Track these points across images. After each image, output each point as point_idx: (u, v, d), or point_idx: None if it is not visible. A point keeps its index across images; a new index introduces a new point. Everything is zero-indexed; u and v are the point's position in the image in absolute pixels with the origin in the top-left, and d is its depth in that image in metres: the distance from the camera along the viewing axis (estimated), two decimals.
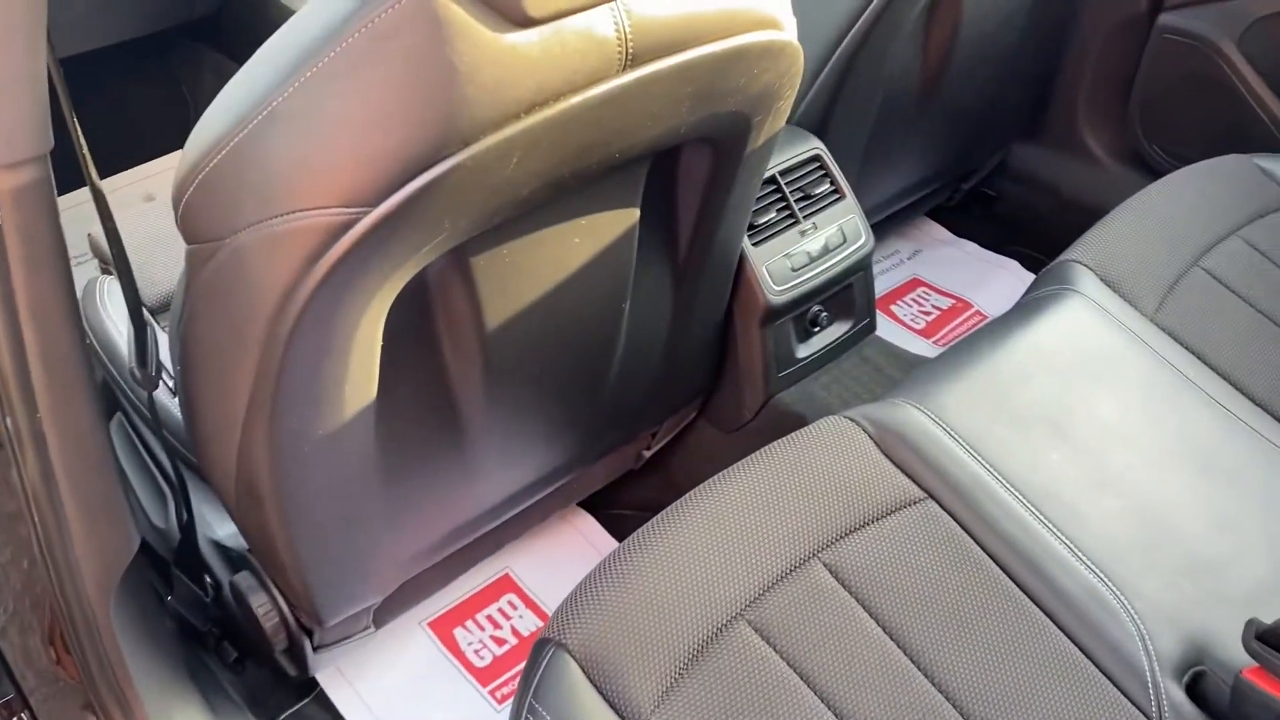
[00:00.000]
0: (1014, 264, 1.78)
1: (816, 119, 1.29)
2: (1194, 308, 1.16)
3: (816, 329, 1.27)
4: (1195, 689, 0.87)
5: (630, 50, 0.71)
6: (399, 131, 0.64)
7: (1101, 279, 1.17)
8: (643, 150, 0.83)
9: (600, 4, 0.68)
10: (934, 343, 1.65)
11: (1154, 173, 1.63)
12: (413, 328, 0.82)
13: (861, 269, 1.28)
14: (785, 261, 1.20)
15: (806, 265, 1.21)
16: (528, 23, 0.65)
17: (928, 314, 1.70)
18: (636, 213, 0.93)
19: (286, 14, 1.45)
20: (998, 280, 1.76)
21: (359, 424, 0.82)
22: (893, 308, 1.72)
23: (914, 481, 0.96)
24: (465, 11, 0.63)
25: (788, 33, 0.83)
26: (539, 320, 0.91)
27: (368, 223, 0.65)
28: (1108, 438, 1.02)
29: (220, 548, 1.08)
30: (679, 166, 0.93)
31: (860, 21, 1.20)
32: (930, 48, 1.37)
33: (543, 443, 1.07)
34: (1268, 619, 0.86)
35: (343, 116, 0.63)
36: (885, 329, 1.64)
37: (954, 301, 1.72)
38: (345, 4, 0.63)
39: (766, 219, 1.20)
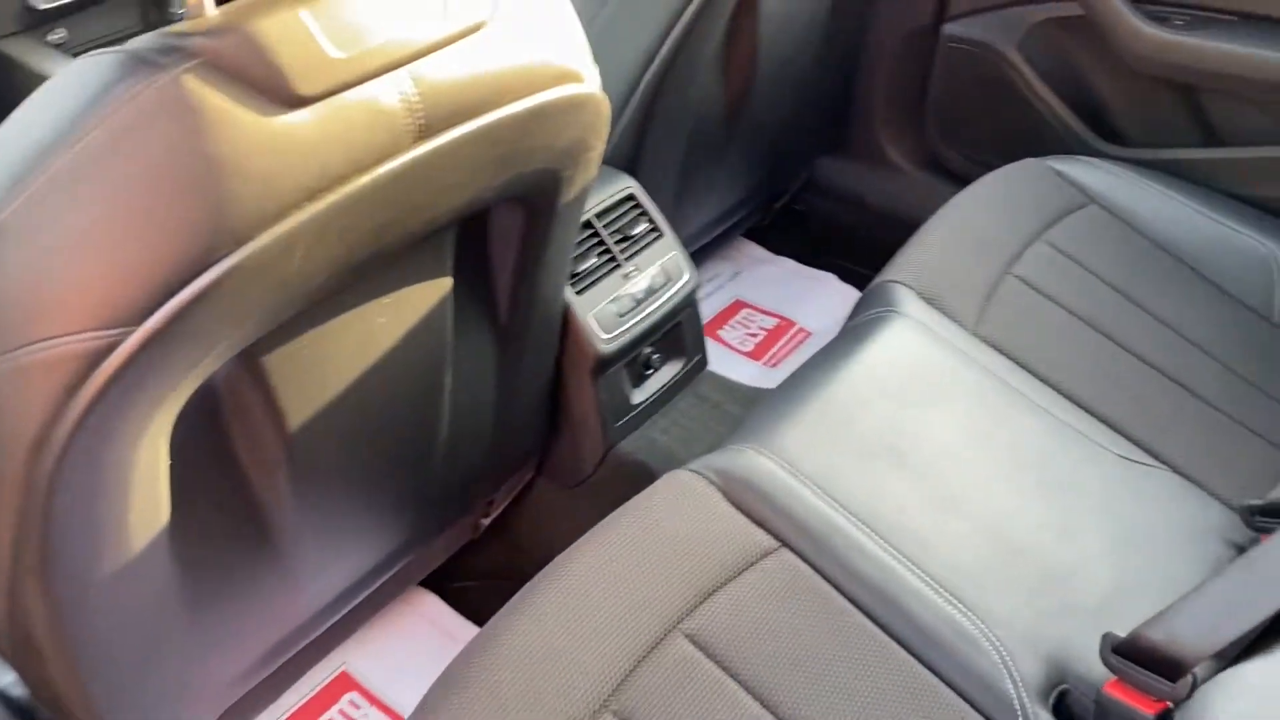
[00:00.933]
0: (831, 277, 1.80)
1: (627, 156, 1.25)
2: (1011, 316, 1.18)
3: (650, 372, 1.23)
4: (1061, 708, 0.87)
5: (422, 120, 0.64)
6: (157, 238, 0.55)
7: (921, 297, 1.18)
8: (448, 220, 0.76)
9: (381, 74, 0.61)
10: (764, 364, 1.64)
11: (955, 177, 1.68)
12: (204, 442, 0.73)
13: (688, 306, 1.25)
14: (612, 307, 1.16)
15: (633, 309, 1.17)
16: (299, 102, 0.58)
17: (755, 335, 1.69)
18: (448, 281, 0.86)
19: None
20: (817, 295, 1.77)
21: (151, 557, 0.72)
22: (720, 332, 1.70)
23: (766, 531, 0.93)
24: (224, 96, 0.55)
25: (590, 84, 0.78)
26: (349, 409, 0.83)
27: (132, 344, 0.56)
28: (946, 459, 1.01)
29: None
30: (490, 228, 0.87)
31: (660, 56, 1.17)
32: (731, 75, 1.35)
33: (370, 532, 0.99)
34: (1119, 626, 0.87)
35: (86, 227, 0.54)
36: (716, 355, 1.62)
37: (778, 320, 1.72)
38: (76, 96, 0.54)
39: (587, 265, 1.15)
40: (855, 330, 1.15)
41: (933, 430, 1.03)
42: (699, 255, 1.71)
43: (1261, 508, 1.00)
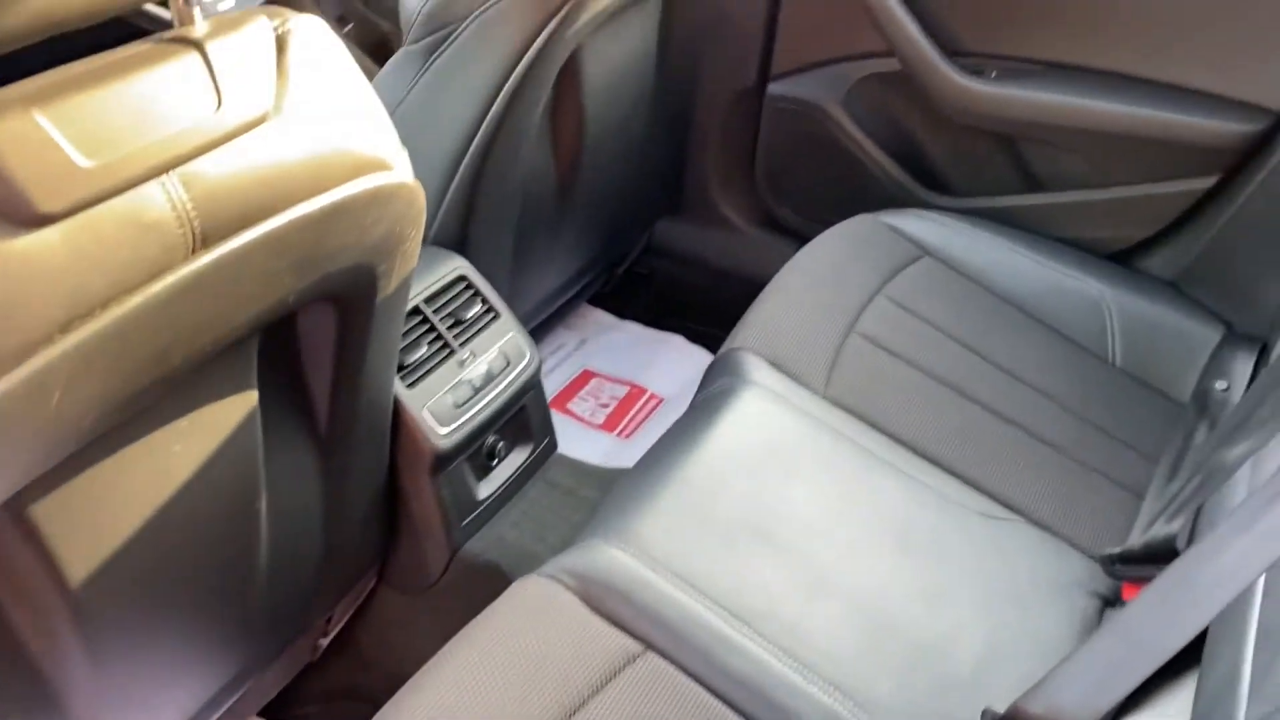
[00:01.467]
0: (678, 339, 1.77)
1: (454, 235, 1.18)
2: (859, 376, 1.16)
3: (495, 462, 1.15)
4: None
5: (197, 230, 0.56)
6: None
7: (770, 363, 1.15)
8: (246, 332, 0.68)
9: (145, 180, 0.53)
10: (617, 435, 1.59)
11: (791, 234, 1.68)
12: None
13: (532, 388, 1.18)
14: (448, 398, 1.08)
15: (472, 397, 1.10)
16: (43, 221, 0.50)
17: (605, 406, 1.64)
18: (254, 396, 0.77)
19: None
20: (665, 358, 1.73)
21: None
22: (571, 405, 1.64)
23: (628, 634, 0.86)
24: None
25: (399, 172, 0.71)
26: (147, 550, 0.72)
27: None
28: (810, 534, 0.97)
29: None
30: (298, 333, 0.79)
31: (481, 132, 1.11)
32: (560, 145, 1.31)
33: (186, 676, 0.87)
34: (997, 696, 0.84)
35: None
36: (567, 430, 1.56)
37: (629, 388, 1.67)
38: None
39: (418, 356, 1.07)
40: (707, 404, 1.11)
41: (794, 505, 0.99)
42: (543, 325, 1.65)
43: (1120, 556, 1.00)
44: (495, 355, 1.14)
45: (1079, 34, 1.35)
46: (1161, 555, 0.97)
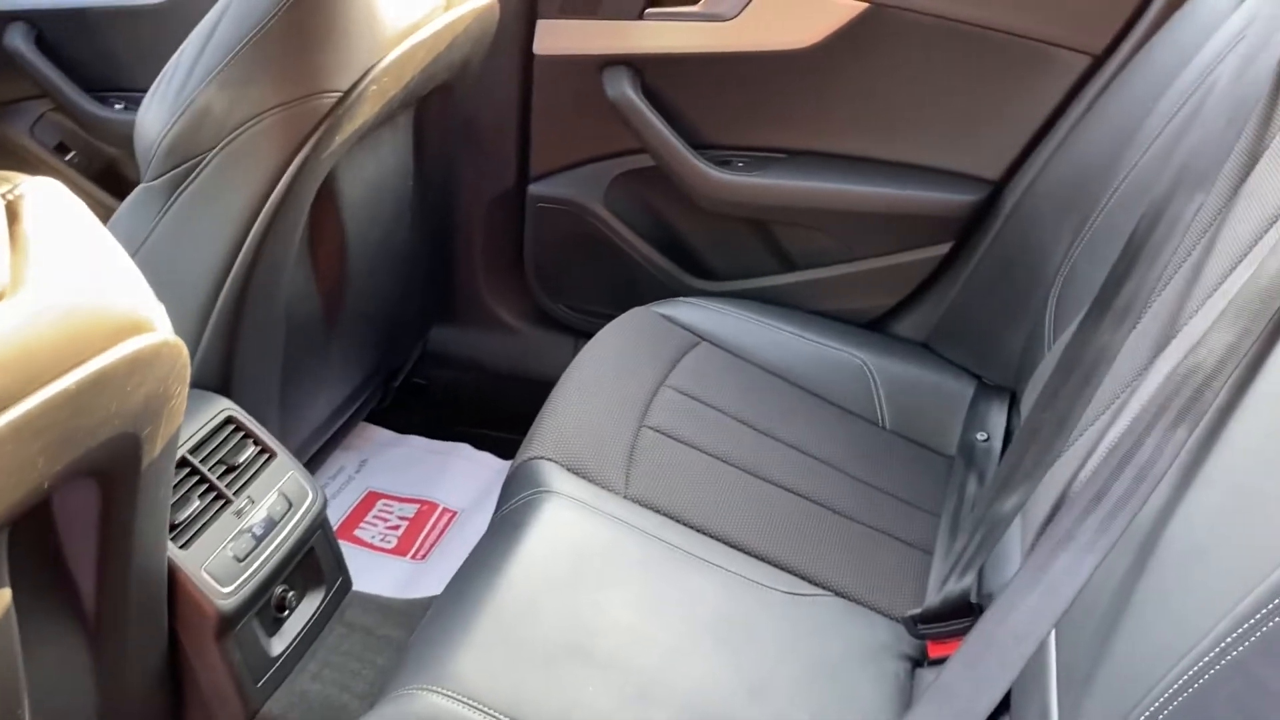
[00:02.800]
0: (464, 448, 1.73)
1: (217, 375, 1.11)
2: (655, 471, 1.17)
3: (286, 614, 1.07)
4: None
5: None
6: None
7: (568, 469, 1.13)
8: None
9: None
10: (412, 559, 1.52)
11: (567, 330, 1.69)
12: None
13: (319, 528, 1.11)
14: (228, 553, 1.00)
15: (254, 549, 1.02)
16: None
17: (396, 528, 1.57)
18: (6, 594, 0.68)
19: None
20: (453, 469, 1.69)
21: None
22: (357, 533, 1.56)
23: None
24: None
25: (161, 330, 0.66)
26: None
27: None
28: (630, 642, 0.96)
29: None
30: (54, 517, 0.71)
31: (236, 267, 1.05)
32: (323, 269, 1.26)
33: None
34: None
35: None
36: (358, 560, 1.47)
37: (418, 505, 1.62)
38: None
39: (189, 511, 0.99)
40: (509, 520, 1.08)
41: (611, 615, 0.98)
42: (320, 450, 1.57)
43: (921, 616, 1.04)
44: (275, 499, 1.07)
45: (814, 123, 1.45)
46: (957, 611, 1.02)
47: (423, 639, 0.96)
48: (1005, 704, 0.89)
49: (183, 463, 1.01)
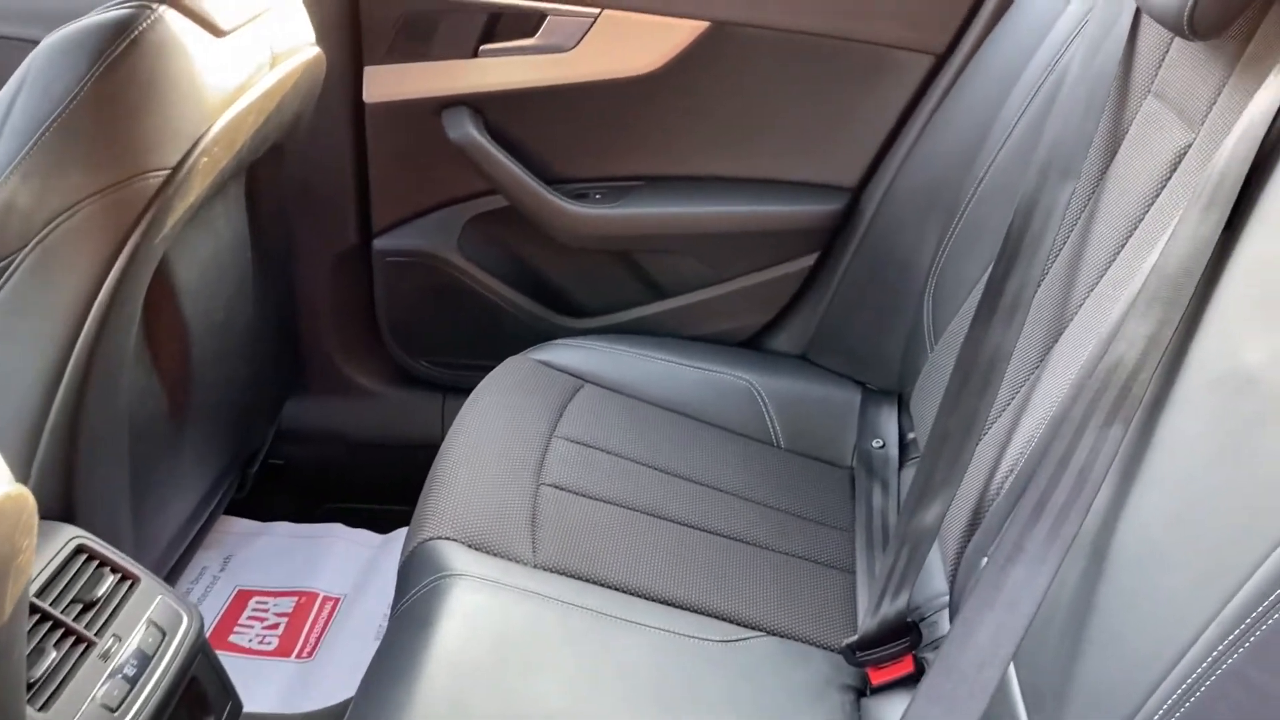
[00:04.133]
0: (337, 527, 1.61)
1: (59, 500, 0.97)
2: (562, 532, 1.10)
3: None
4: None
5: None
6: None
7: (469, 546, 1.05)
8: None
9: None
10: (298, 658, 1.40)
11: (433, 386, 1.60)
12: None
13: (199, 652, 0.99)
14: (97, 705, 0.87)
15: (129, 694, 0.90)
16: None
17: (274, 627, 1.44)
18: None
19: None
20: (329, 552, 1.57)
21: None
22: (232, 638, 1.42)
23: None
24: None
25: (2, 480, 0.55)
26: None
27: None
28: None
29: None
30: None
31: (68, 375, 0.92)
32: (164, 363, 1.13)
33: None
34: None
35: None
36: (235, 669, 1.34)
37: (296, 598, 1.49)
38: None
39: (46, 666, 0.85)
40: (412, 613, 0.99)
41: (544, 701, 0.90)
42: (180, 557, 1.43)
43: (858, 644, 1.01)
44: (145, 630, 0.94)
45: (668, 148, 1.41)
46: (896, 633, 1.00)
47: None
48: None
49: (31, 609, 0.87)
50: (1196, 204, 0.76)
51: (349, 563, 1.53)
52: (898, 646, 1.00)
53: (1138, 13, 1.02)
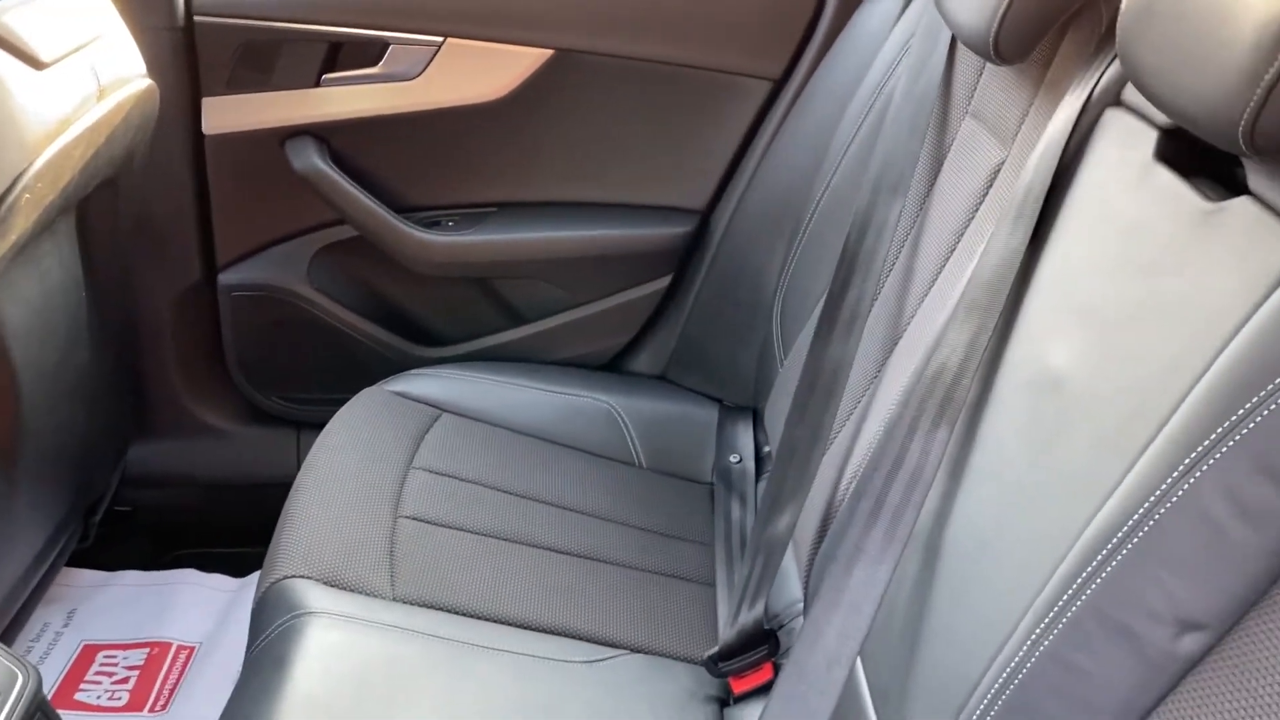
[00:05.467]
0: (190, 573, 1.55)
1: None
2: (422, 563, 1.09)
3: None
4: None
5: None
6: None
7: (325, 584, 1.03)
8: None
9: None
10: (149, 712, 1.34)
11: (286, 423, 1.56)
12: None
13: (37, 711, 0.94)
14: None
15: None
16: None
17: (124, 681, 1.38)
18: None
19: None
20: (181, 600, 1.51)
21: None
22: (79, 696, 1.35)
23: None
24: None
25: None
26: None
27: None
28: None
29: None
30: None
31: None
32: None
33: None
34: None
35: None
36: None
37: (147, 649, 1.43)
38: None
39: None
40: (267, 654, 0.96)
41: None
42: (18, 614, 1.35)
43: (718, 655, 1.03)
44: None
45: (518, 174, 1.42)
46: (754, 641, 1.02)
47: None
48: None
49: None
50: (1007, 217, 0.81)
51: (203, 609, 1.48)
52: (757, 655, 1.02)
53: (953, 39, 1.09)
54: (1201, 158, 0.67)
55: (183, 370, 1.52)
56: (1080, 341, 0.70)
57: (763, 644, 1.02)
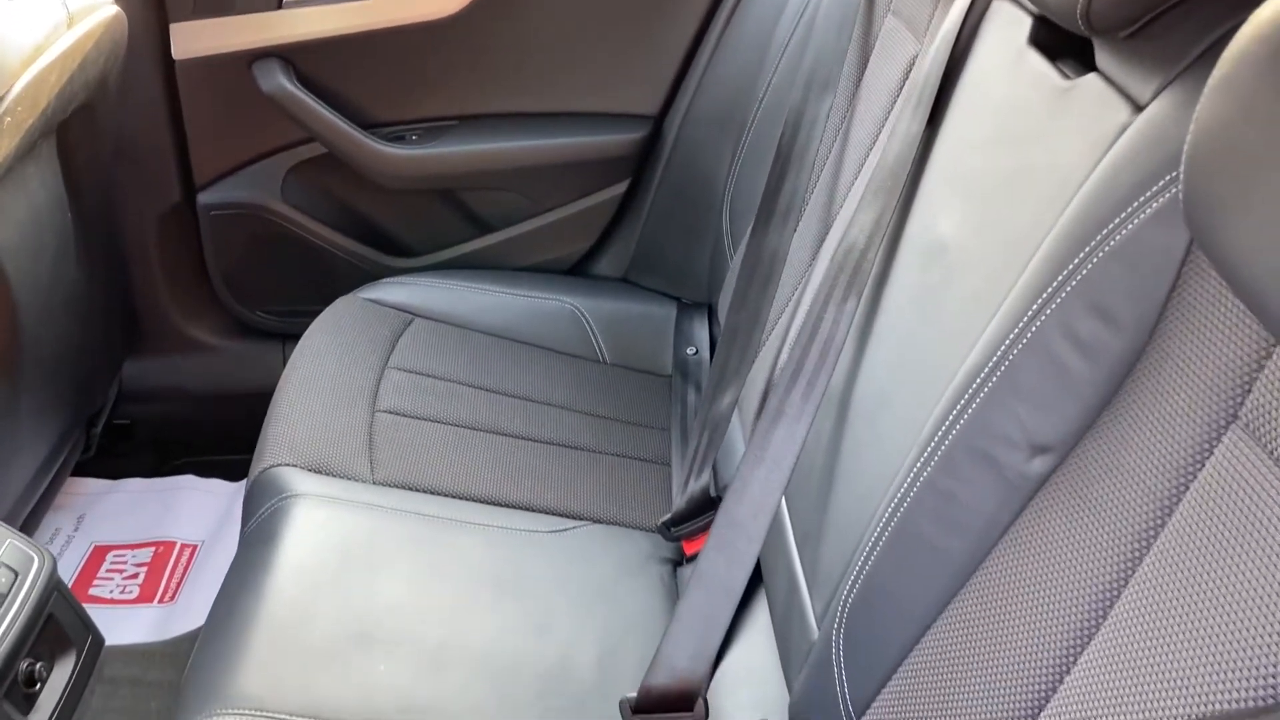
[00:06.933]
0: (188, 478, 1.65)
1: None
2: (398, 451, 1.18)
3: (39, 687, 1.00)
4: None
5: None
6: None
7: (309, 470, 1.13)
8: None
9: None
10: (159, 604, 1.45)
11: (271, 336, 1.64)
12: None
13: (54, 590, 1.04)
14: None
15: None
16: None
17: (134, 577, 1.49)
18: None
19: None
20: (181, 503, 1.61)
21: None
22: (92, 591, 1.46)
23: None
24: None
25: None
26: None
27: None
28: (413, 618, 0.98)
29: None
30: None
31: None
32: None
33: None
34: (622, 684, 0.92)
35: None
36: (100, 621, 1.38)
37: (154, 548, 1.53)
38: None
39: None
40: (258, 534, 1.06)
41: (386, 596, 0.99)
42: (29, 519, 1.45)
43: (671, 520, 1.13)
44: None
45: (476, 87, 1.48)
46: (702, 507, 1.12)
47: (198, 669, 0.94)
48: (758, 573, 0.99)
49: None
50: (909, 104, 0.89)
51: (203, 511, 1.58)
52: (705, 520, 1.12)
53: None
54: (1065, 41, 0.74)
55: (170, 289, 1.59)
56: (961, 212, 0.78)
57: (710, 509, 1.12)
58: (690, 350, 1.43)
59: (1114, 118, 0.65)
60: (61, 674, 1.05)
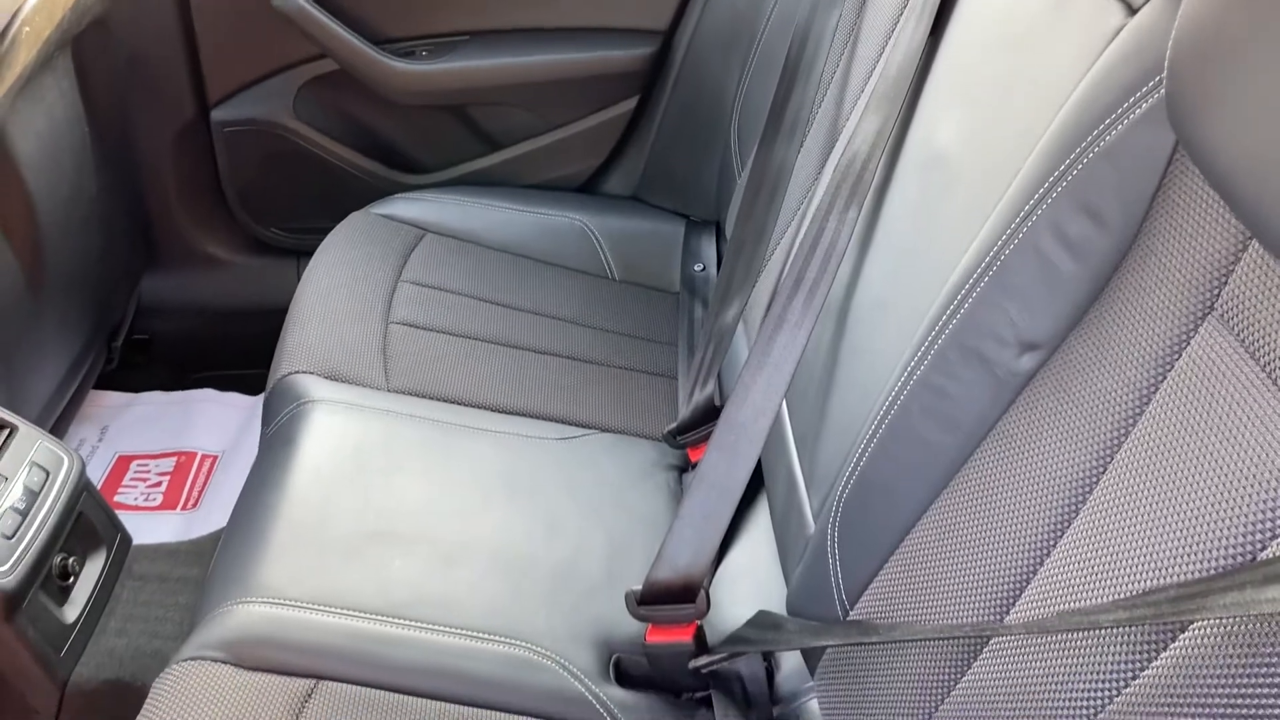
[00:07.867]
0: (207, 391, 1.69)
1: None
2: (412, 360, 1.21)
3: (72, 580, 1.06)
4: (621, 674, 0.95)
5: None
6: None
7: (326, 377, 1.16)
8: None
9: None
10: (182, 510, 1.50)
11: (286, 252, 1.67)
12: None
13: (84, 489, 1.09)
14: None
15: (21, 524, 0.99)
16: None
17: (157, 485, 1.54)
18: None
19: None
20: (201, 415, 1.65)
21: None
22: (117, 499, 1.51)
23: (295, 676, 0.86)
24: None
25: None
26: None
27: None
28: (428, 517, 1.02)
29: None
30: None
31: None
32: (13, 233, 1.18)
33: None
34: (629, 580, 0.96)
35: None
36: (132, 524, 1.43)
37: (176, 458, 1.58)
38: None
39: None
40: (278, 437, 1.10)
41: (403, 497, 1.03)
42: (55, 429, 1.50)
43: (676, 429, 1.16)
44: (29, 471, 1.03)
45: (486, 2, 1.48)
46: (706, 416, 1.15)
47: (223, 563, 0.98)
48: (759, 474, 1.03)
49: None
50: (912, 14, 0.90)
51: (223, 423, 1.62)
52: (709, 428, 1.15)
53: None
54: None
55: (186, 205, 1.61)
56: (960, 119, 0.80)
57: (714, 418, 1.15)
58: (698, 267, 1.45)
59: (1108, 21, 0.66)
60: (93, 569, 1.10)
